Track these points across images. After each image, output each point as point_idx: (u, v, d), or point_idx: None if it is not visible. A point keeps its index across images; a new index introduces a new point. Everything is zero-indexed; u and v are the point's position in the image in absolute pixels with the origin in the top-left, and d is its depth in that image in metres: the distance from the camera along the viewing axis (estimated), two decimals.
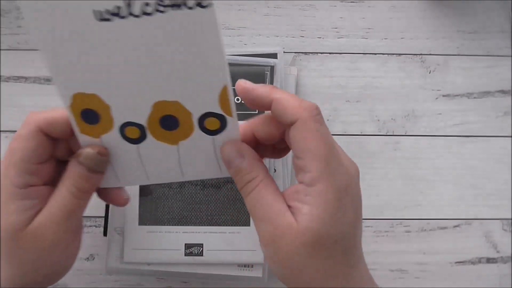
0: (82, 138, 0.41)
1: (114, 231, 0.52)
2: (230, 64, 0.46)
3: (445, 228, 0.58)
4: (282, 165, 0.54)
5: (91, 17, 0.36)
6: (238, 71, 0.53)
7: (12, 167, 0.40)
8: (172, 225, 0.52)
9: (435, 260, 0.58)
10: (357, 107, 0.60)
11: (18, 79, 0.59)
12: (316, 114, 0.38)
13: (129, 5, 0.35)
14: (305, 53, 0.61)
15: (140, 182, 0.44)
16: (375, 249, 0.58)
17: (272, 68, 0.54)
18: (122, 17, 0.36)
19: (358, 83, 0.60)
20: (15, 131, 0.56)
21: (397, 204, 0.59)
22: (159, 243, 0.51)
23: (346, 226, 0.38)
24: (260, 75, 0.53)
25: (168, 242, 0.51)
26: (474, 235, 0.58)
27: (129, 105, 0.40)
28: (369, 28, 0.61)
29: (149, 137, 0.41)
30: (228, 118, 0.40)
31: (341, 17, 0.62)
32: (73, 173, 0.41)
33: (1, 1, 0.59)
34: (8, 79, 0.58)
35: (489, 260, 0.58)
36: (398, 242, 0.58)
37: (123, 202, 0.45)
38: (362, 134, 0.60)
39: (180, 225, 0.52)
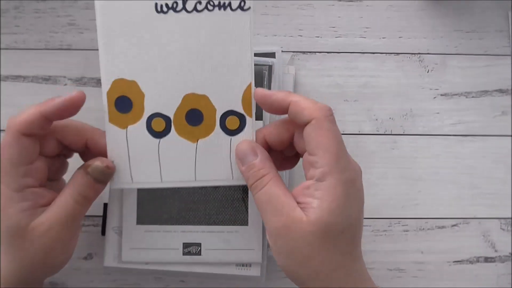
0: (109, 127, 0.45)
1: (112, 230, 0.52)
2: None
3: (443, 227, 0.58)
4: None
5: (152, 9, 0.43)
6: None
7: (5, 174, 0.43)
8: (170, 224, 0.52)
9: (433, 259, 0.58)
10: (355, 106, 0.60)
11: (16, 78, 0.59)
12: (330, 115, 0.42)
13: (185, 2, 0.43)
14: (303, 52, 0.61)
15: (153, 183, 0.47)
16: (373, 249, 0.58)
17: (270, 67, 0.54)
18: (177, 12, 0.43)
19: (356, 82, 0.60)
20: None
21: (395, 204, 0.59)
22: (157, 242, 0.51)
23: (352, 217, 0.41)
24: (258, 74, 0.53)
25: (166, 241, 0.51)
26: (472, 234, 0.58)
27: (162, 95, 0.45)
28: (367, 27, 0.62)
29: (172, 132, 0.46)
30: (247, 118, 0.45)
31: (339, 16, 0.62)
32: (79, 182, 0.44)
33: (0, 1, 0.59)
34: (6, 78, 0.58)
35: (487, 260, 0.58)
36: (396, 241, 0.58)
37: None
38: (360, 133, 0.60)
39: (178, 224, 0.52)
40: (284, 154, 0.48)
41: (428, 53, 0.61)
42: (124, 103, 0.45)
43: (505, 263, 0.58)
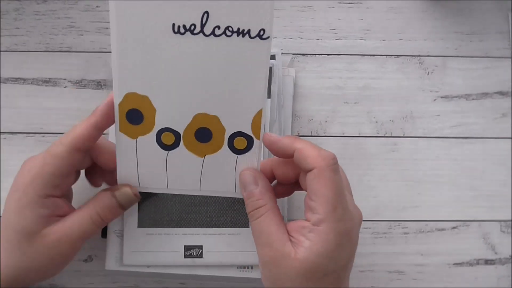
0: (119, 136, 0.46)
1: (113, 233, 0.52)
2: None
3: (443, 229, 0.58)
4: None
5: (169, 29, 0.42)
6: None
7: (40, 178, 0.45)
8: (172, 227, 0.52)
9: (433, 261, 0.58)
10: (355, 108, 0.60)
11: (16, 80, 0.58)
12: (333, 164, 0.43)
13: (203, 25, 0.42)
14: (303, 54, 0.61)
15: (159, 189, 0.49)
16: (373, 251, 0.58)
17: (270, 69, 0.54)
18: (194, 34, 0.42)
19: (356, 85, 0.61)
20: (13, 132, 0.57)
21: (395, 206, 0.59)
22: (158, 245, 0.52)
23: (338, 264, 0.42)
24: None
25: (167, 244, 0.52)
26: (472, 236, 0.58)
27: (174, 112, 0.45)
28: (367, 29, 0.62)
29: (181, 146, 0.47)
30: (255, 140, 0.46)
31: (339, 18, 0.62)
32: (102, 203, 0.47)
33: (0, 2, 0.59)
34: (6, 80, 0.58)
35: (487, 262, 0.58)
36: (396, 243, 0.58)
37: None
38: (360, 135, 0.60)
39: (180, 227, 0.52)
40: (288, 188, 0.50)
41: (428, 55, 0.61)
42: (135, 116, 0.45)
43: (505, 265, 0.58)
